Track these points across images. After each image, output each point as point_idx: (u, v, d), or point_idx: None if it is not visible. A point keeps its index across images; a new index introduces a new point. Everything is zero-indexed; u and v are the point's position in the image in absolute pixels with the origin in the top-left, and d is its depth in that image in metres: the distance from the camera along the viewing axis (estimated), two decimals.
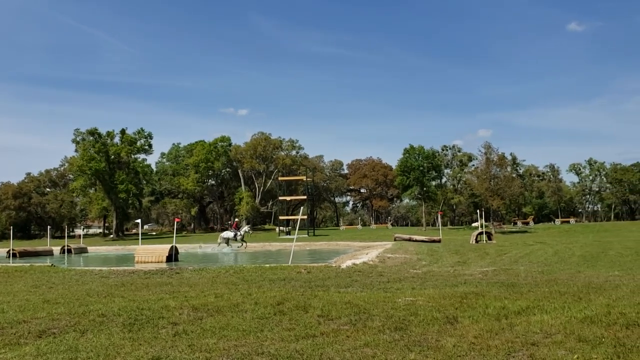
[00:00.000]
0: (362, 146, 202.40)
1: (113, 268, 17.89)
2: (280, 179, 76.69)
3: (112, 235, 74.30)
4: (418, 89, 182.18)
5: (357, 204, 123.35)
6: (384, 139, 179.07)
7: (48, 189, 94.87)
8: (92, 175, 71.72)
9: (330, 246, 37.77)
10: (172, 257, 23.69)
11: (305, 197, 72.05)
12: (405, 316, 7.26)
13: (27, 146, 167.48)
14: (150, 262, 22.73)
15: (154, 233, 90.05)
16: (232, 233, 35.44)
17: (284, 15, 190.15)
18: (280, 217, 73.08)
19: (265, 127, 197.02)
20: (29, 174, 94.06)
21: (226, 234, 36.03)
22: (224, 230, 41.30)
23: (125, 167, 74.72)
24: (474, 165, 72.64)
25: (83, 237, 60.54)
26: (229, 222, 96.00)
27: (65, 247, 35.48)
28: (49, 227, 48.09)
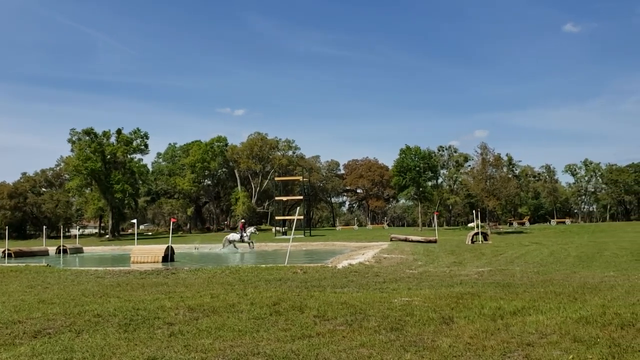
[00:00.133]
0: (358, 146, 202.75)
1: (109, 268, 17.87)
2: (276, 179, 76.61)
3: (108, 236, 74.10)
4: (414, 89, 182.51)
5: (354, 204, 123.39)
6: (381, 139, 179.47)
7: (44, 189, 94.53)
8: (88, 175, 71.52)
9: (326, 246, 37.82)
10: (168, 257, 23.69)
11: (301, 197, 71.96)
12: (401, 316, 7.27)
13: (23, 146, 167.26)
14: (146, 262, 22.71)
15: (150, 233, 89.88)
16: (237, 235, 35.64)
17: (282, 15, 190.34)
18: (277, 218, 73.01)
19: (262, 127, 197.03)
20: (24, 174, 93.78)
21: (232, 236, 36.17)
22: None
23: (121, 167, 74.56)
24: (470, 165, 72.79)
25: (79, 237, 60.42)
26: (225, 222, 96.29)
27: (61, 247, 35.48)
28: (44, 227, 48.11)
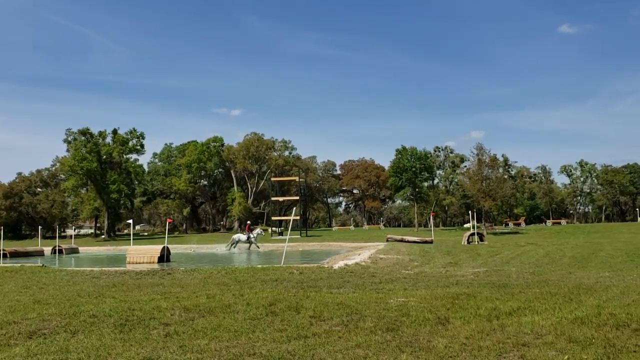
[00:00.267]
0: (354, 147, 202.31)
1: (104, 268, 17.82)
2: (272, 179, 76.58)
3: (103, 236, 73.95)
4: (411, 89, 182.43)
5: (350, 205, 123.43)
6: (377, 140, 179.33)
7: (39, 189, 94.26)
8: (84, 175, 71.33)
9: (322, 247, 37.78)
10: (164, 257, 23.64)
11: (297, 197, 71.98)
12: (397, 317, 7.27)
13: (18, 145, 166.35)
14: (142, 262, 22.67)
15: (145, 233, 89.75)
16: (244, 236, 35.63)
17: (278, 16, 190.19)
18: (273, 218, 73.02)
19: (258, 128, 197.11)
20: (20, 174, 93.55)
21: (238, 236, 36.22)
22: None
23: (117, 167, 74.40)
24: (466, 166, 72.73)
25: (74, 238, 60.26)
26: (221, 223, 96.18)
27: (57, 248, 35.33)
28: (40, 227, 47.84)
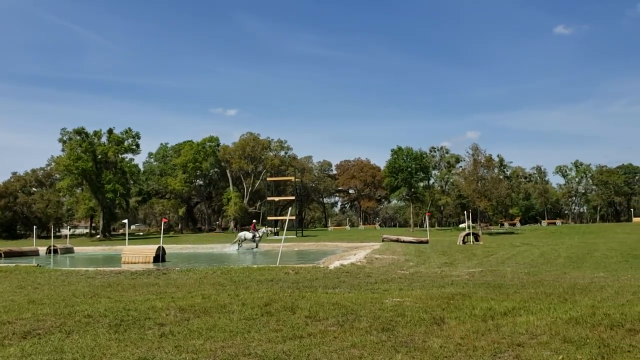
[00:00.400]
0: (350, 147, 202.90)
1: (100, 268, 17.79)
2: (268, 179, 76.52)
3: (99, 236, 73.67)
4: (407, 90, 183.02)
5: (346, 205, 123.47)
6: (373, 140, 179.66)
7: (34, 189, 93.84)
8: (79, 175, 71.04)
9: (318, 247, 37.81)
10: (160, 257, 23.61)
11: (293, 197, 71.90)
12: (392, 317, 7.28)
13: (13, 145, 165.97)
14: (137, 262, 22.64)
15: (141, 233, 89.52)
16: (250, 234, 35.73)
17: (274, 16, 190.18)
18: (269, 218, 72.96)
19: (254, 128, 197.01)
20: (14, 174, 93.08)
21: (244, 234, 36.23)
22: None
23: (112, 167, 74.14)
24: (461, 166, 72.87)
25: (69, 237, 60.07)
26: (217, 223, 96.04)
27: (52, 247, 35.26)
28: (35, 227, 47.79)
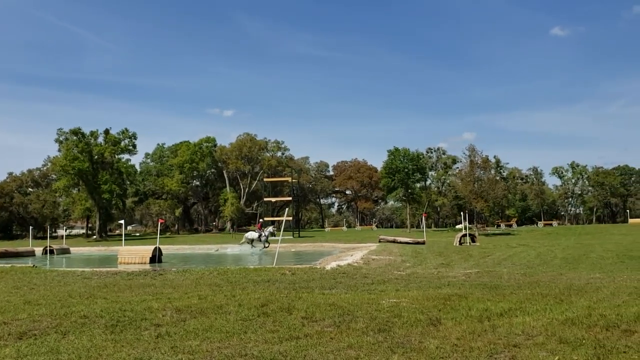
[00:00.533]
0: (347, 148, 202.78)
1: (96, 269, 17.74)
2: (265, 180, 76.47)
3: (95, 236, 73.47)
4: (404, 91, 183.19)
5: (342, 206, 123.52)
6: (370, 141, 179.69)
7: (30, 189, 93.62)
8: (75, 176, 70.86)
9: (315, 247, 37.80)
10: (156, 258, 23.58)
11: (290, 198, 71.98)
12: (389, 318, 7.29)
13: (9, 145, 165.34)
14: (134, 263, 22.61)
15: (137, 234, 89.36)
16: (256, 234, 35.44)
17: (272, 16, 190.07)
18: (266, 219, 72.84)
19: (251, 128, 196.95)
20: (11, 174, 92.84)
21: (251, 234, 35.97)
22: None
23: (108, 168, 73.97)
24: (458, 167, 72.95)
25: (66, 238, 59.93)
26: (213, 223, 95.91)
27: (48, 248, 35.16)
28: (31, 227, 47.59)
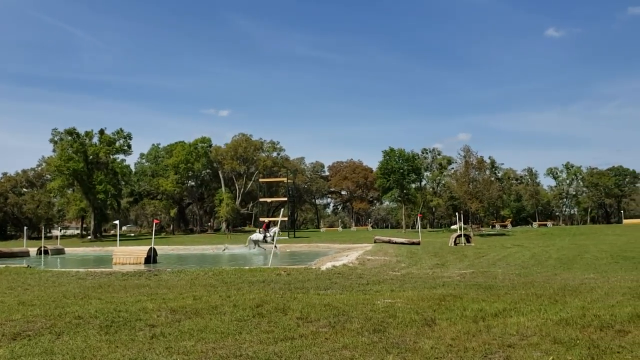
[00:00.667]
0: (343, 148, 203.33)
1: (90, 269, 17.70)
2: (260, 180, 76.38)
3: (90, 237, 73.30)
4: (399, 91, 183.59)
5: (338, 206, 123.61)
6: (365, 141, 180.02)
7: (25, 189, 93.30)
8: (70, 176, 70.68)
9: (310, 248, 37.80)
10: (151, 258, 23.53)
11: (286, 198, 71.84)
12: (383, 318, 7.29)
13: (4, 145, 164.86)
14: (129, 263, 22.55)
15: (132, 234, 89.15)
16: (261, 235, 35.31)
17: (267, 17, 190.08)
18: (261, 219, 72.66)
19: (247, 129, 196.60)
20: (5, 174, 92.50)
21: (255, 236, 35.85)
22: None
23: (103, 168, 73.80)
24: (453, 168, 73.04)
25: (60, 238, 59.71)
26: (209, 224, 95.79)
27: (42, 248, 35.01)
28: (25, 227, 47.37)
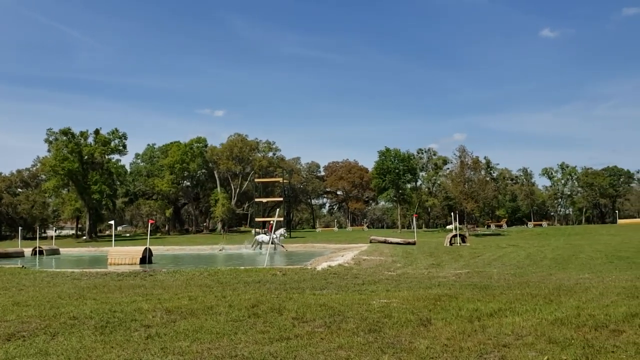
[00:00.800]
0: (338, 148, 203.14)
1: (85, 270, 17.66)
2: (256, 180, 76.32)
3: (85, 237, 73.06)
4: (394, 91, 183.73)
5: (334, 206, 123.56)
6: (361, 141, 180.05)
7: (20, 190, 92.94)
8: (65, 176, 70.44)
9: (306, 248, 37.87)
10: (146, 259, 23.50)
11: (281, 198, 71.88)
12: (379, 318, 7.30)
13: None
14: (124, 264, 22.53)
15: (127, 235, 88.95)
16: (267, 236, 35.22)
17: (261, 16, 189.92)
18: (256, 219, 72.76)
19: (242, 129, 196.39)
20: None
21: (261, 237, 35.73)
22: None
23: (98, 168, 73.59)
24: (448, 168, 73.26)
25: (55, 239, 59.56)
26: (204, 224, 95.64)
27: (37, 249, 34.96)
28: (20, 228, 47.31)
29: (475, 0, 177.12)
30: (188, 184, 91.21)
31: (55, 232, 67.41)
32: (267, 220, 72.56)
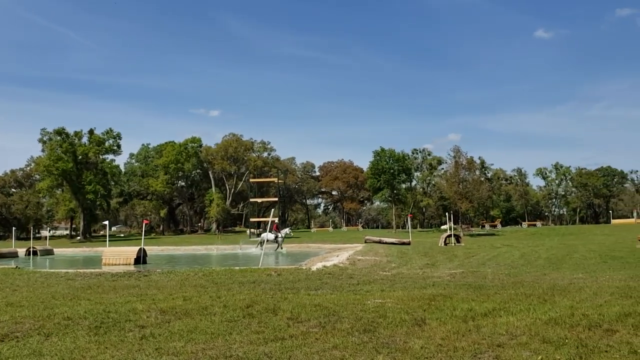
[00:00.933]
0: (333, 148, 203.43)
1: (80, 270, 17.60)
2: (251, 180, 76.20)
3: (79, 237, 72.83)
4: (390, 92, 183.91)
5: (329, 206, 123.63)
6: (356, 142, 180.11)
7: (13, 190, 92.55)
8: (59, 176, 70.20)
9: (301, 248, 37.84)
10: (141, 259, 23.45)
11: (276, 199, 71.77)
12: (374, 318, 7.31)
13: None
14: (118, 264, 22.46)
15: (122, 235, 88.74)
16: (272, 235, 35.15)
17: (257, 16, 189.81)
18: (251, 219, 72.66)
19: (237, 129, 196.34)
20: None
21: (266, 235, 35.71)
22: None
23: (93, 168, 73.34)
24: (443, 168, 73.33)
25: (49, 239, 59.34)
26: (199, 224, 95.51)
27: (31, 249, 34.80)
28: (14, 228, 47.07)
29: (470, 1, 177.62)
30: (183, 184, 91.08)
31: (49, 232, 67.10)
32: (262, 220, 72.69)
